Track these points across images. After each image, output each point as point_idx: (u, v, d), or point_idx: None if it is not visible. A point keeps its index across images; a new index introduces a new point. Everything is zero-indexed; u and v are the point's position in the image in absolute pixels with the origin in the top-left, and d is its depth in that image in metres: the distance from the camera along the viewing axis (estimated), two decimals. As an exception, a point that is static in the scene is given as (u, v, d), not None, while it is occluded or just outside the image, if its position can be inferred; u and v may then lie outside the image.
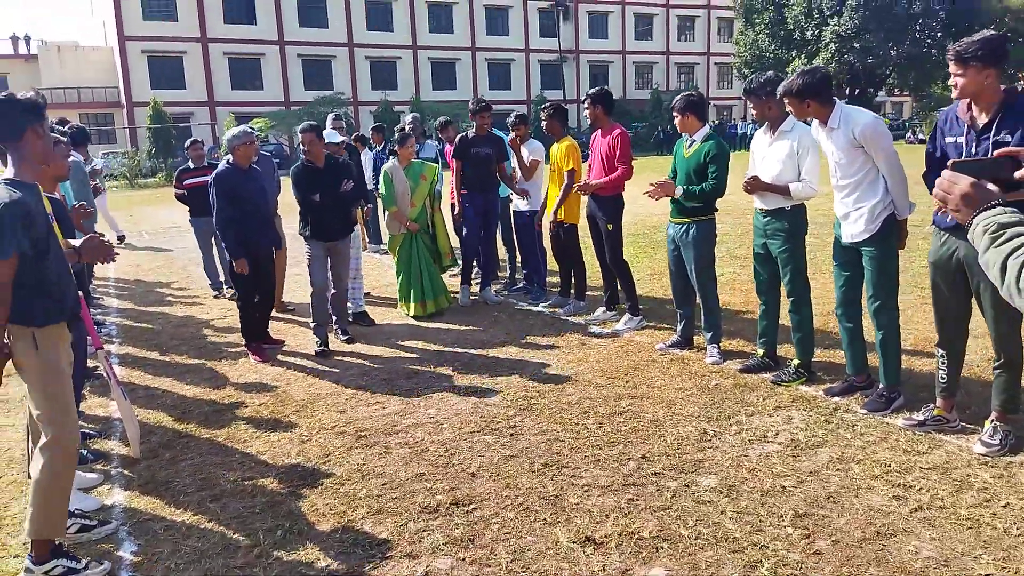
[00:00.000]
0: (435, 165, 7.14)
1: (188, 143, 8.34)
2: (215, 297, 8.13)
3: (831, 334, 5.22)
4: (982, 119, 3.37)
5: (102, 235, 3.37)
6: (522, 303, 7.13)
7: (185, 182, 8.04)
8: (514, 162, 7.23)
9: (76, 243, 3.18)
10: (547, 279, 7.39)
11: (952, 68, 3.39)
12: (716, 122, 47.38)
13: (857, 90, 45.60)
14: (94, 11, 49.13)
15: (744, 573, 2.71)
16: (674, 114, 5.03)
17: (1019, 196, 1.67)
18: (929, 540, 2.85)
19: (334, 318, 6.14)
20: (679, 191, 4.96)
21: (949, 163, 1.70)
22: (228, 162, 5.64)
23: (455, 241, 7.43)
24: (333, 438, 4.17)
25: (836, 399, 4.24)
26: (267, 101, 41.88)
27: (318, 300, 5.90)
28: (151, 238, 13.91)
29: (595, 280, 6.90)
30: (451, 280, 7.58)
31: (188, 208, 8.11)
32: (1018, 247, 1.42)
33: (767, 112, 4.52)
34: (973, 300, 3.58)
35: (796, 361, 4.57)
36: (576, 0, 51.41)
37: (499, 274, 8.05)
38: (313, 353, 5.79)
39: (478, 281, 7.55)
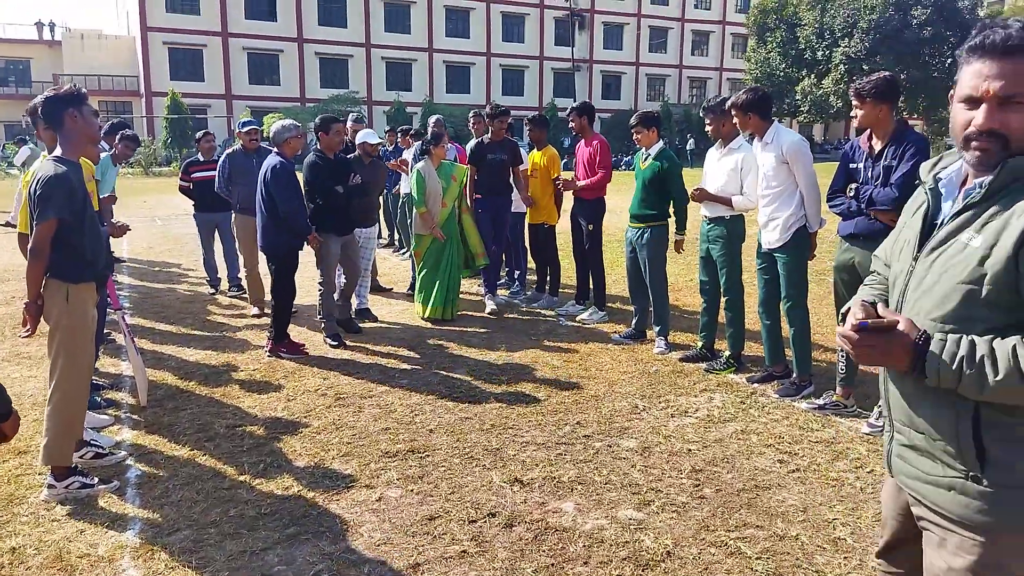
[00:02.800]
0: (465, 167, 7.12)
1: (200, 135, 8.15)
2: (211, 294, 7.92)
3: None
4: (877, 146, 3.97)
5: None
6: (502, 298, 7.71)
7: (193, 175, 7.84)
8: None
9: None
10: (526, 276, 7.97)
11: (854, 102, 3.97)
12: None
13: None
14: (118, 1, 50.15)
15: (638, 508, 3.30)
16: (632, 129, 5.63)
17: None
18: (797, 493, 3.43)
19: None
20: (680, 238, 5.80)
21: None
22: (277, 153, 5.60)
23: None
24: (315, 398, 4.77)
25: (756, 385, 4.82)
26: (283, 97, 42.72)
27: (329, 295, 6.04)
28: (163, 224, 14.58)
29: (568, 279, 7.48)
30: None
31: (193, 202, 7.96)
32: None
33: (721, 129, 5.11)
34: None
35: (728, 353, 5.16)
36: (592, 10, 52.14)
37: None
38: (328, 346, 5.91)
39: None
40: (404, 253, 10.27)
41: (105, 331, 5.71)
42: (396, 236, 10.70)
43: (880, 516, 1.88)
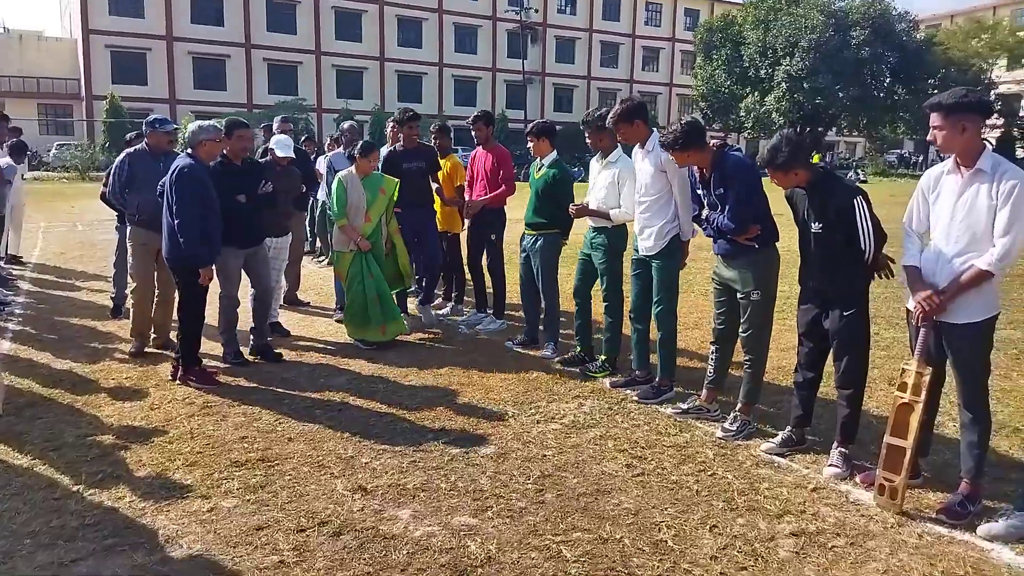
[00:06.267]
0: (395, 180, 6.48)
1: (132, 136, 7.11)
2: (114, 317, 6.98)
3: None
4: (706, 175, 4.14)
5: None
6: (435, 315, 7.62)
7: None
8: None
9: None
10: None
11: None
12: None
13: (807, 128, 47.28)
14: (61, 2, 48.90)
15: (474, 514, 3.29)
16: (528, 138, 5.68)
17: None
18: (634, 497, 3.46)
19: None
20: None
21: None
22: (189, 155, 5.06)
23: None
24: (181, 407, 4.66)
25: (623, 391, 4.87)
26: (229, 102, 41.92)
27: (231, 309, 5.61)
28: (84, 230, 14.18)
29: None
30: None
31: (117, 213, 6.88)
32: None
33: (599, 142, 5.16)
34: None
35: (603, 356, 5.21)
36: (544, 24, 52.62)
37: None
38: (229, 363, 5.54)
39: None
40: (322, 260, 10.16)
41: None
42: (318, 244, 10.57)
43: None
